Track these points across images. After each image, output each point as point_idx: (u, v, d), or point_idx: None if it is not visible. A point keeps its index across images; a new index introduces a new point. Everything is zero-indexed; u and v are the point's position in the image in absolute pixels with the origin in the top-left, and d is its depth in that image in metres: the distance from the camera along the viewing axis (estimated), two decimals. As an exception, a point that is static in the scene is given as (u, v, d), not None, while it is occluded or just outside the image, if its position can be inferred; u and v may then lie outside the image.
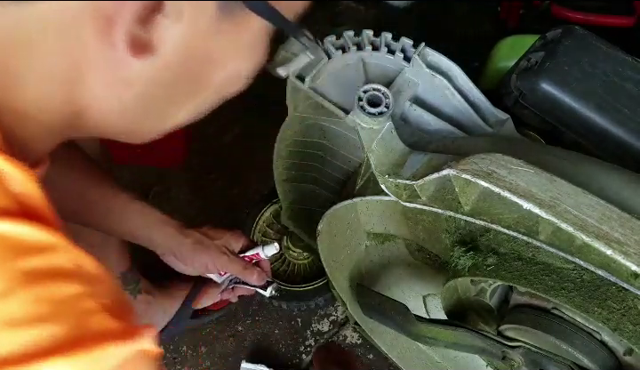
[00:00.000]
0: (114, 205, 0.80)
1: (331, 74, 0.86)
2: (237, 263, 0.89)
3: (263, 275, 0.91)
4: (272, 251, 0.92)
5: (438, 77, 0.83)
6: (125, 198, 0.81)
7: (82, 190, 0.78)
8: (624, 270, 0.56)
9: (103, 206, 0.79)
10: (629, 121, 0.76)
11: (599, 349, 0.72)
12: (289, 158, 1.02)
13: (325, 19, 1.93)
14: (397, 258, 1.00)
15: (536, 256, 0.70)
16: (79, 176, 0.78)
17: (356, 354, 1.26)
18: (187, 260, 0.86)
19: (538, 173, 0.61)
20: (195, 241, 0.85)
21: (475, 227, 0.77)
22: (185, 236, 0.85)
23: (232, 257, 0.89)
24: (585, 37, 0.80)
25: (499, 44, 1.16)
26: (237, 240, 0.91)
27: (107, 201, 0.79)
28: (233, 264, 0.89)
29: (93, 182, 0.79)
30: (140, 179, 1.54)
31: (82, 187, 0.78)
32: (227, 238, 0.89)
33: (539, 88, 0.78)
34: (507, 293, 0.85)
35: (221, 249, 0.87)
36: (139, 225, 0.82)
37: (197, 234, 0.86)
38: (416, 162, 0.73)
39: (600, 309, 0.64)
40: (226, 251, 0.88)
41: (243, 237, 0.92)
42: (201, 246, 0.86)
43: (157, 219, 0.84)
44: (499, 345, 0.79)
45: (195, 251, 0.85)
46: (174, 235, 0.84)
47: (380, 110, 0.75)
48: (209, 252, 0.86)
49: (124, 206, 0.80)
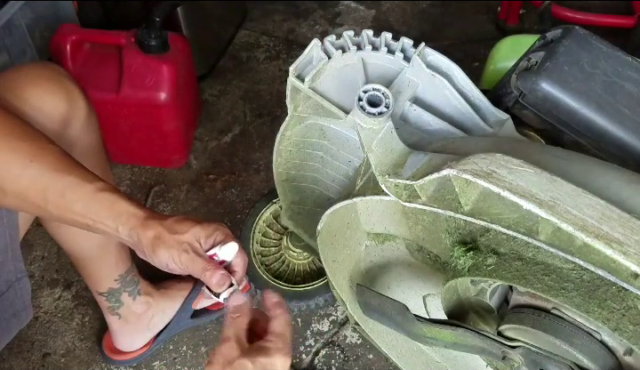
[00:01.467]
0: (79, 195, 0.73)
1: (331, 74, 0.86)
2: (198, 263, 0.74)
3: (226, 279, 0.75)
4: (230, 252, 0.77)
5: (438, 77, 0.83)
6: (92, 189, 0.73)
7: (45, 181, 0.73)
8: (624, 270, 0.56)
9: (68, 197, 0.73)
10: (629, 121, 0.76)
11: (599, 349, 0.72)
12: (289, 158, 1.02)
13: (325, 19, 1.93)
14: (397, 258, 1.00)
15: (536, 256, 0.70)
16: (41, 165, 0.73)
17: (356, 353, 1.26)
18: (147, 256, 0.75)
19: (538, 173, 0.61)
20: (155, 236, 0.74)
21: (475, 227, 0.77)
22: (145, 229, 0.74)
23: (193, 255, 0.74)
24: (585, 37, 0.80)
25: (499, 44, 1.16)
26: (209, 235, 0.76)
27: (72, 192, 0.73)
28: (193, 264, 0.74)
29: (58, 173, 0.73)
30: (140, 179, 1.54)
31: (46, 177, 0.73)
32: (194, 232, 0.75)
33: (539, 88, 0.78)
34: (507, 293, 0.85)
35: (183, 246, 0.74)
36: (104, 216, 0.74)
37: (160, 227, 0.74)
38: (416, 162, 0.73)
39: (600, 309, 0.64)
40: (188, 248, 0.74)
41: (217, 231, 0.76)
42: (159, 241, 0.74)
43: (124, 210, 0.74)
44: (499, 345, 0.79)
45: (153, 246, 0.74)
46: (136, 227, 0.74)
47: (380, 110, 0.75)
48: (168, 248, 0.74)
49: (91, 196, 0.73)
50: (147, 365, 1.26)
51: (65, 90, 0.87)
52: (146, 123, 1.42)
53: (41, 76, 0.86)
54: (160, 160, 1.55)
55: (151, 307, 1.20)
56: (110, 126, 1.38)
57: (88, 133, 0.93)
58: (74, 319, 1.32)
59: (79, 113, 0.90)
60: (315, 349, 1.28)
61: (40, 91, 0.84)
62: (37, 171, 0.73)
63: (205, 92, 1.71)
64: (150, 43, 1.33)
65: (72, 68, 1.36)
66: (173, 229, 0.74)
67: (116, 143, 1.46)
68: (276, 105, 1.69)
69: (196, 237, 0.74)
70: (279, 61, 1.80)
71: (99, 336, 1.28)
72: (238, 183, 1.53)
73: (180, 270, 0.75)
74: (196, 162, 1.57)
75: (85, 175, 0.74)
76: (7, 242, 0.87)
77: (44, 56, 1.52)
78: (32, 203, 0.75)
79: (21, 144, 0.74)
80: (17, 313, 0.94)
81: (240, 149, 1.60)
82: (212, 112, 1.67)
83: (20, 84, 0.83)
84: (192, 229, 0.74)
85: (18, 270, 0.91)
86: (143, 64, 1.35)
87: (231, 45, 1.83)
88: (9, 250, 0.88)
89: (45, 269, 1.38)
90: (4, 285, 0.89)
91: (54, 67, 0.90)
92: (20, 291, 0.93)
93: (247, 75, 1.75)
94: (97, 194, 0.73)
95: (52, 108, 0.85)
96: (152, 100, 1.37)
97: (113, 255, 1.09)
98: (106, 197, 0.73)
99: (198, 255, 0.74)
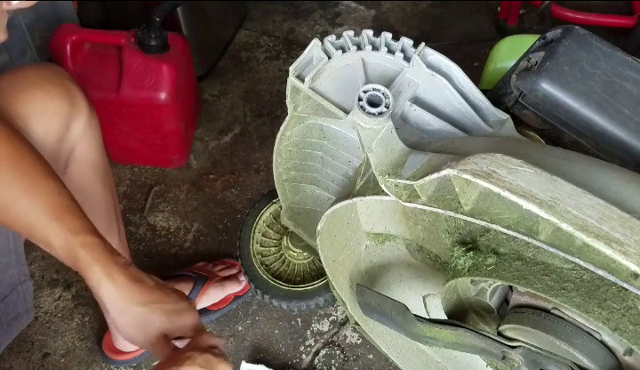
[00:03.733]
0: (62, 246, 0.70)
1: (331, 74, 0.86)
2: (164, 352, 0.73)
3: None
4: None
5: (438, 77, 0.83)
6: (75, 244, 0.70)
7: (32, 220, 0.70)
8: (624, 270, 0.56)
9: (52, 244, 0.70)
10: (629, 121, 0.76)
11: (599, 349, 0.72)
12: (289, 158, 1.02)
13: (325, 19, 1.93)
14: (397, 258, 1.00)
15: (536, 256, 0.70)
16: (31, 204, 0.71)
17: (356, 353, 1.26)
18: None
19: (538, 173, 0.61)
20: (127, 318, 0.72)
21: (475, 227, 0.77)
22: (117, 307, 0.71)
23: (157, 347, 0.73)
24: (585, 37, 0.80)
25: (499, 44, 1.16)
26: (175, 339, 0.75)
27: (56, 240, 0.70)
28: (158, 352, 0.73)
29: (46, 216, 0.70)
30: (140, 179, 1.54)
31: (33, 218, 0.70)
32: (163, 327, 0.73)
33: (539, 88, 0.78)
34: (507, 293, 0.85)
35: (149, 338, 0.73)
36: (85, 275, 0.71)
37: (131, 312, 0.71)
38: (416, 162, 0.73)
39: (600, 309, 0.64)
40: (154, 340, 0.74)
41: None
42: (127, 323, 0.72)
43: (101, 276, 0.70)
44: (499, 345, 0.79)
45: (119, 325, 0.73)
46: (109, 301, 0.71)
47: (380, 110, 0.75)
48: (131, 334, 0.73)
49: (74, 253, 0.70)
50: (147, 365, 1.26)
51: (67, 92, 0.87)
52: (146, 123, 1.42)
53: (43, 79, 0.86)
54: (160, 160, 1.55)
55: (151, 307, 1.20)
56: (110, 126, 1.38)
57: (89, 134, 0.94)
58: (74, 319, 1.32)
59: (81, 114, 0.90)
60: (315, 349, 1.28)
61: (42, 93, 0.84)
62: (26, 208, 0.70)
63: (205, 92, 1.71)
64: (150, 43, 1.33)
65: (72, 69, 1.36)
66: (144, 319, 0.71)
67: (116, 143, 1.46)
68: (276, 105, 1.69)
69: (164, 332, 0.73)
70: (279, 61, 1.80)
71: (99, 336, 1.28)
72: (238, 183, 1.53)
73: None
74: (195, 162, 1.57)
75: (72, 224, 0.71)
76: (11, 246, 0.87)
77: (44, 56, 1.52)
78: (19, 232, 0.75)
79: (15, 176, 0.71)
80: (19, 315, 0.94)
81: (240, 149, 1.60)
82: (212, 112, 1.67)
83: (22, 86, 0.83)
84: (163, 327, 0.72)
85: (21, 274, 0.91)
86: (143, 64, 1.35)
87: (231, 45, 1.83)
88: (12, 254, 0.88)
89: (45, 269, 1.38)
90: (8, 289, 0.89)
91: (55, 68, 0.90)
92: (23, 293, 0.93)
93: (247, 75, 1.75)
94: (77, 251, 0.70)
95: (55, 110, 0.85)
96: (152, 100, 1.37)
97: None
98: (86, 257, 0.70)
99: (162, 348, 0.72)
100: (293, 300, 1.24)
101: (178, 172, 1.55)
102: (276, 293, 1.23)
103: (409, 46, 0.86)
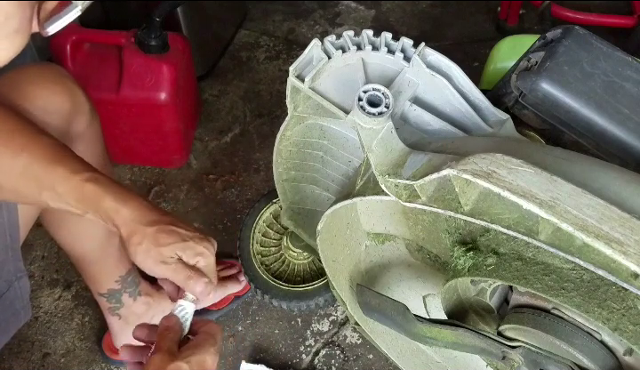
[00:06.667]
0: (68, 187, 0.72)
1: (331, 74, 0.86)
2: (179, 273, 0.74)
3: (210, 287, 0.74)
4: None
5: (438, 77, 0.83)
6: (79, 181, 0.71)
7: (36, 172, 0.72)
8: (624, 270, 0.56)
9: (58, 189, 0.72)
10: (629, 121, 0.76)
11: (599, 349, 0.72)
12: (289, 158, 1.02)
13: (325, 19, 1.93)
14: (397, 258, 1.00)
15: (536, 256, 0.70)
16: (32, 156, 0.73)
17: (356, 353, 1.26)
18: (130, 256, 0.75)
19: (538, 173, 0.61)
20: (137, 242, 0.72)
21: (475, 227, 0.77)
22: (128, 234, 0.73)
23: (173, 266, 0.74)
24: (585, 37, 0.80)
25: (499, 44, 1.16)
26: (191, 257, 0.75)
27: (61, 184, 0.72)
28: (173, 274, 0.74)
29: (49, 163, 0.72)
30: (140, 179, 1.54)
31: (36, 168, 0.72)
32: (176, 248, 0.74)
33: (539, 88, 0.78)
34: (507, 293, 0.85)
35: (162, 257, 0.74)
36: (93, 211, 0.72)
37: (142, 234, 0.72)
38: (416, 162, 0.73)
39: (600, 309, 0.64)
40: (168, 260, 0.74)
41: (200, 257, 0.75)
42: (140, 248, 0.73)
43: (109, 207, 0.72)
44: (499, 345, 0.79)
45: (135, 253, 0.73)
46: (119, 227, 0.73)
47: (380, 110, 0.75)
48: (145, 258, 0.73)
49: (79, 190, 0.72)
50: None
51: (68, 90, 0.87)
52: (146, 123, 1.42)
53: (44, 78, 0.86)
54: (160, 160, 1.55)
55: (151, 307, 1.20)
56: (110, 126, 1.38)
57: (91, 133, 0.94)
58: (74, 319, 1.32)
59: (82, 113, 0.90)
60: (315, 349, 1.28)
61: (44, 92, 0.85)
62: (28, 161, 0.72)
63: (205, 92, 1.71)
64: (150, 43, 1.33)
65: (72, 68, 1.36)
66: (157, 241, 0.72)
67: (116, 143, 1.46)
68: (276, 105, 1.69)
69: (178, 254, 0.73)
70: (279, 61, 1.80)
71: (99, 336, 1.28)
72: (238, 183, 1.53)
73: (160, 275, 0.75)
74: (195, 162, 1.57)
75: (74, 166, 0.73)
76: (7, 242, 0.87)
77: (43, 56, 1.52)
78: (27, 194, 0.75)
79: (12, 135, 0.74)
80: (16, 312, 0.94)
81: (240, 149, 1.60)
82: (212, 112, 1.67)
83: (24, 85, 0.83)
84: (174, 244, 0.73)
85: (18, 270, 0.91)
86: (143, 64, 1.35)
87: (231, 45, 1.83)
88: (9, 250, 0.88)
89: (45, 269, 1.38)
90: (5, 285, 0.90)
91: (56, 68, 0.91)
92: (20, 290, 0.93)
93: (247, 75, 1.75)
94: (84, 187, 0.72)
95: (57, 108, 0.86)
96: (152, 100, 1.37)
97: (114, 257, 1.09)
98: (92, 190, 0.72)
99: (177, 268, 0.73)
100: (293, 300, 1.24)
101: (178, 172, 1.55)
102: (276, 293, 1.23)
103: (409, 46, 0.86)
